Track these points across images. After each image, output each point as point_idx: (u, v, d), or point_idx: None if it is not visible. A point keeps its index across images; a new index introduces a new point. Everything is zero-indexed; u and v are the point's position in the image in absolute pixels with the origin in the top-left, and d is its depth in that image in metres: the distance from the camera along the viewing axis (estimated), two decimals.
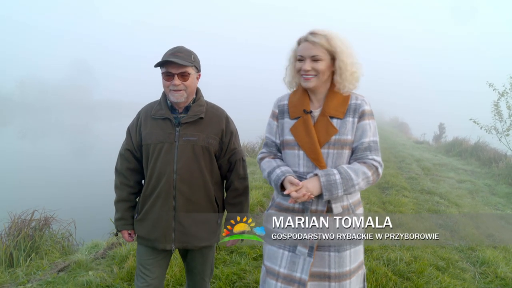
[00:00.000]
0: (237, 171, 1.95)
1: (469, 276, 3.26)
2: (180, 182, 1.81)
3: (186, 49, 1.85)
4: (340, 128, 1.61)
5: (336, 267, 1.61)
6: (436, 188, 7.16)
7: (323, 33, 1.60)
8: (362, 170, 1.57)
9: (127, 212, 1.95)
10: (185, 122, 1.84)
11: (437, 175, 8.75)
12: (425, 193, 6.61)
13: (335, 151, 1.61)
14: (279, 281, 1.64)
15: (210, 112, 1.91)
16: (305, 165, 1.64)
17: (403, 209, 5.19)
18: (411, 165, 9.68)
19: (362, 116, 1.63)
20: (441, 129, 18.78)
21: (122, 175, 1.95)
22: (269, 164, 1.72)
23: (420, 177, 8.12)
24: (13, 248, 3.97)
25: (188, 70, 1.80)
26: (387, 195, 6.16)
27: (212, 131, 1.87)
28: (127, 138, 1.97)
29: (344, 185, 1.54)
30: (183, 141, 1.82)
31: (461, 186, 7.97)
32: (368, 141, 1.62)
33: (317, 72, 1.61)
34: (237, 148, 1.96)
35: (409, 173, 8.41)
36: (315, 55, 1.59)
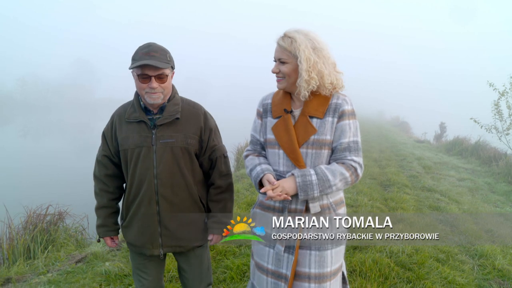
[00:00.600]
0: (218, 168, 1.90)
1: (468, 268, 3.42)
2: (162, 186, 1.77)
3: (159, 47, 1.75)
4: (319, 128, 1.61)
5: (316, 267, 1.61)
6: (437, 186, 7.31)
7: (291, 35, 1.59)
8: (340, 171, 1.57)
9: (109, 218, 1.91)
10: (161, 124, 1.77)
11: (437, 173, 8.90)
12: (426, 191, 6.76)
13: (314, 151, 1.61)
14: (269, 276, 1.69)
15: (187, 110, 1.84)
16: (285, 164, 1.65)
17: (405, 206, 5.34)
18: (412, 163, 9.82)
19: (342, 116, 1.61)
20: (442, 128, 18.91)
21: (101, 182, 1.90)
22: (252, 162, 1.75)
23: (421, 175, 8.27)
24: (30, 241, 4.14)
25: (165, 72, 1.72)
26: (389, 192, 6.31)
27: (190, 130, 1.81)
28: (103, 143, 1.91)
29: (320, 185, 1.54)
30: (160, 144, 1.76)
31: (461, 184, 8.12)
32: (348, 142, 1.61)
33: (284, 74, 1.62)
34: (217, 145, 1.90)
35: (410, 171, 8.56)
36: (280, 58, 1.61)
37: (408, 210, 5.12)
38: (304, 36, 1.58)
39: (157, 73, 1.69)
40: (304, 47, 1.55)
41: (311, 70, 1.55)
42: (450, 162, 11.26)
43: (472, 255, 3.76)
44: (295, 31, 1.60)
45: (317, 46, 1.58)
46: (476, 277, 3.26)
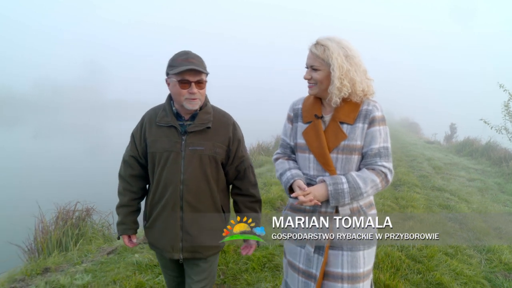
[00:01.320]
0: (249, 179, 1.94)
1: (476, 262, 3.61)
2: (187, 192, 1.79)
3: (196, 55, 1.80)
4: (350, 133, 1.63)
5: (349, 268, 1.63)
6: (447, 185, 7.45)
7: (324, 43, 1.62)
8: (370, 178, 1.59)
9: (128, 217, 1.94)
10: (192, 131, 1.80)
11: (447, 174, 9.03)
12: (436, 190, 6.91)
13: (344, 156, 1.63)
14: (300, 275, 1.73)
15: (217, 119, 1.87)
16: (315, 168, 1.67)
17: (415, 204, 5.52)
18: (422, 164, 9.95)
19: (373, 122, 1.63)
20: (452, 129, 18.94)
21: (125, 181, 1.93)
22: (282, 166, 1.78)
23: (431, 175, 8.41)
24: (62, 235, 4.44)
25: (204, 78, 1.78)
26: (400, 191, 6.49)
27: (219, 140, 1.83)
28: (131, 144, 1.93)
29: (351, 193, 1.57)
30: (189, 150, 1.78)
31: (471, 184, 8.24)
32: (378, 147, 1.63)
33: (316, 81, 1.64)
34: (244, 156, 1.93)
35: (420, 172, 8.71)
36: (312, 65, 1.64)
37: (418, 209, 5.31)
38: (336, 44, 1.61)
39: (197, 79, 1.73)
40: (336, 55, 1.58)
41: (343, 78, 1.58)
42: (460, 162, 11.35)
43: (480, 250, 3.94)
44: (327, 39, 1.63)
45: (349, 54, 1.60)
46: (483, 270, 3.45)
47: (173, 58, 1.76)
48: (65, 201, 5.04)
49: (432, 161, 10.60)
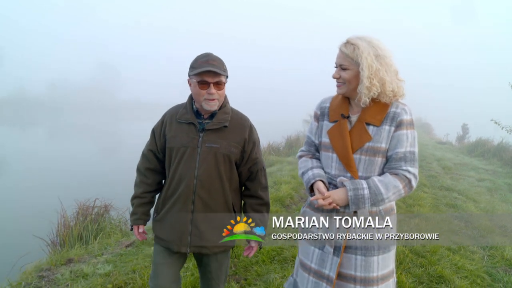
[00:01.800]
0: (259, 181, 1.98)
1: (478, 257, 3.73)
2: (200, 187, 1.85)
3: (217, 57, 1.86)
4: (375, 135, 1.60)
5: (362, 271, 1.62)
6: (455, 185, 7.52)
7: (354, 42, 1.61)
8: (393, 184, 1.56)
9: (140, 208, 2.00)
10: (209, 129, 1.87)
11: (457, 174, 9.07)
12: (444, 190, 7.00)
13: (367, 158, 1.61)
14: (311, 275, 1.72)
15: (235, 120, 1.93)
16: (337, 168, 1.67)
17: (422, 203, 5.63)
18: (431, 164, 10.01)
19: (400, 126, 1.60)
20: (464, 130, 18.82)
21: (142, 174, 2.01)
22: (305, 164, 1.78)
23: (440, 175, 8.48)
24: (83, 229, 4.70)
25: (223, 79, 1.84)
26: None
27: (235, 140, 1.89)
28: (151, 139, 2.01)
29: (372, 199, 1.55)
30: (205, 147, 1.85)
31: (481, 184, 8.27)
32: (404, 151, 1.59)
33: (344, 80, 1.64)
34: (258, 158, 1.98)
35: (429, 172, 8.78)
36: (341, 64, 1.64)
37: (424, 207, 5.42)
38: (367, 43, 1.59)
39: (216, 80, 1.80)
40: (366, 54, 1.57)
41: (372, 77, 1.56)
42: (471, 163, 11.35)
43: (483, 247, 4.05)
44: (357, 38, 1.62)
45: (380, 54, 1.59)
46: (485, 265, 3.57)
47: (195, 59, 1.84)
48: (85, 198, 5.33)
49: (442, 162, 10.64)
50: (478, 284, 3.14)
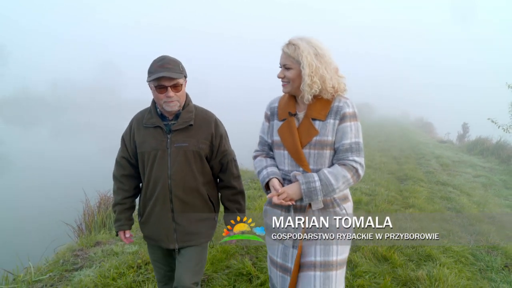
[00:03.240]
0: (231, 171, 2.07)
1: (465, 241, 4.14)
2: (175, 186, 1.91)
3: (172, 59, 1.90)
4: (321, 129, 1.69)
5: (322, 255, 1.70)
6: (451, 180, 7.91)
7: (295, 42, 1.68)
8: (342, 174, 1.65)
9: (122, 214, 2.05)
10: (176, 129, 1.93)
11: (454, 170, 9.44)
12: (440, 184, 7.38)
13: (316, 151, 1.69)
14: (277, 270, 1.81)
15: (200, 117, 2.00)
16: (289, 164, 1.75)
17: (417, 195, 6.03)
18: (430, 161, 10.38)
19: (343, 118, 1.69)
20: (465, 129, 19.14)
21: (118, 181, 2.07)
22: (260, 163, 1.86)
23: (437, 171, 8.86)
24: (105, 217, 5.15)
25: (179, 81, 1.88)
26: (405, 185, 7.01)
27: (202, 136, 1.96)
28: (122, 146, 2.07)
29: (324, 190, 1.64)
30: (175, 147, 1.91)
31: (476, 180, 8.65)
32: (349, 143, 1.68)
33: (289, 79, 1.72)
34: (227, 150, 2.05)
35: (427, 168, 9.16)
36: (285, 64, 1.72)
37: (419, 199, 5.82)
38: (306, 43, 1.67)
39: (172, 83, 1.85)
40: (306, 53, 1.65)
41: (313, 75, 1.65)
42: (469, 160, 11.70)
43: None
44: (298, 38, 1.70)
45: (319, 53, 1.67)
46: (470, 248, 3.98)
47: (151, 64, 1.89)
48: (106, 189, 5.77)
49: (441, 159, 11.00)
50: (462, 262, 3.55)
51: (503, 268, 3.52)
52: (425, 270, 3.22)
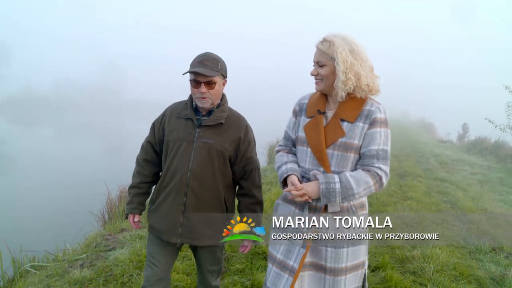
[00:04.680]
0: (253, 180, 2.04)
1: (457, 229, 4.55)
2: (193, 180, 1.91)
3: (213, 57, 1.93)
4: (348, 131, 1.65)
5: (332, 262, 1.67)
6: (449, 177, 8.30)
7: (330, 39, 1.66)
8: (364, 180, 1.60)
9: (136, 197, 2.06)
10: (206, 125, 1.94)
11: (452, 168, 9.84)
12: (438, 180, 7.78)
13: (340, 153, 1.65)
14: (274, 265, 1.76)
15: (231, 119, 2.00)
16: (311, 162, 1.71)
17: (415, 189, 6.44)
18: (429, 159, 10.78)
19: (373, 124, 1.64)
20: (465, 129, 19.53)
21: (139, 165, 2.09)
22: (281, 159, 1.84)
23: (436, 169, 9.26)
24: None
25: (214, 79, 1.89)
26: (404, 180, 7.41)
27: (230, 137, 1.95)
28: (150, 131, 2.09)
29: (343, 193, 1.59)
30: (201, 142, 1.92)
31: (473, 177, 9.05)
32: (376, 149, 1.63)
33: (322, 76, 1.69)
34: (253, 158, 2.03)
35: (426, 166, 9.56)
36: (319, 61, 1.69)
37: (417, 193, 6.23)
38: (341, 39, 1.65)
39: (207, 80, 1.87)
40: (341, 49, 1.62)
41: (348, 72, 1.61)
42: (467, 159, 12.08)
43: (463, 222, 4.87)
44: (333, 35, 1.67)
45: (355, 49, 1.64)
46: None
47: (194, 59, 1.94)
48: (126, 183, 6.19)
49: (440, 157, 11.40)
50: (453, 245, 3.96)
51: (490, 251, 3.92)
52: (419, 251, 3.63)
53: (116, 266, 3.33)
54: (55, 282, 3.13)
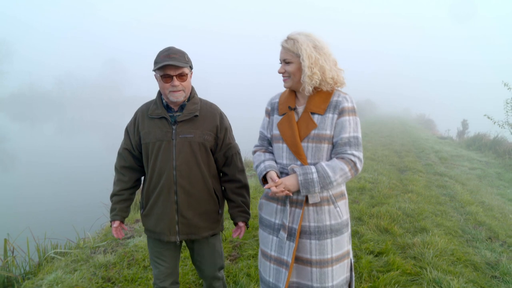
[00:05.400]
0: (235, 165, 2.07)
1: (455, 219, 4.78)
2: (180, 177, 1.90)
3: (178, 50, 1.91)
4: (320, 123, 1.70)
5: (317, 254, 1.73)
6: (448, 172, 8.53)
7: (293, 37, 1.72)
8: (340, 167, 1.66)
9: (118, 204, 2.04)
10: (181, 120, 1.92)
11: (451, 163, 10.06)
12: (437, 175, 8.01)
13: (314, 145, 1.70)
14: (271, 262, 1.83)
15: (204, 109, 2.00)
16: (288, 157, 1.76)
17: (416, 183, 6.67)
18: (429, 155, 11.00)
19: (342, 113, 1.70)
20: (464, 125, 19.73)
21: (119, 172, 2.07)
22: (258, 158, 1.89)
23: (435, 164, 9.48)
24: (137, 201, 5.81)
25: (185, 71, 1.88)
26: (405, 175, 7.64)
27: (207, 128, 1.96)
28: (125, 138, 2.06)
29: (321, 182, 1.65)
30: (180, 138, 1.90)
31: (472, 172, 9.27)
32: (348, 137, 1.69)
33: (289, 74, 1.74)
34: (232, 143, 2.05)
35: (426, 161, 9.78)
36: (285, 59, 1.75)
37: (418, 187, 6.47)
38: (305, 36, 1.71)
39: (178, 72, 1.86)
40: (305, 46, 1.68)
41: (313, 66, 1.68)
42: (467, 155, 12.31)
43: (461, 213, 5.10)
44: (297, 33, 1.74)
45: (318, 45, 1.70)
46: (460, 224, 4.62)
47: (157, 55, 1.90)
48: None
49: (440, 153, 11.62)
50: (451, 234, 4.19)
51: (486, 240, 4.15)
52: (419, 238, 3.86)
53: (136, 251, 3.56)
54: (80, 266, 3.37)
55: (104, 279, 3.03)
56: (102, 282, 2.98)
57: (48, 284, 3.00)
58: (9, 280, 3.58)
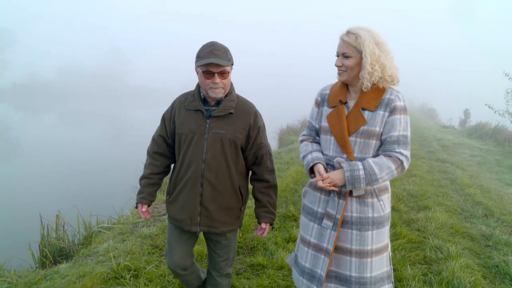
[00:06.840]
0: (265, 165, 2.07)
1: (455, 199, 5.27)
2: (208, 171, 1.94)
3: (221, 46, 1.92)
4: (370, 119, 1.71)
5: (357, 244, 1.77)
6: (449, 158, 8.99)
7: (355, 31, 1.72)
8: (386, 165, 1.67)
9: (146, 188, 2.10)
10: (216, 116, 1.95)
11: (453, 151, 10.53)
12: (439, 161, 8.47)
13: (362, 140, 1.72)
14: (310, 248, 1.88)
15: (240, 107, 2.01)
16: (334, 150, 1.79)
17: (419, 168, 7.15)
18: (432, 143, 11.46)
19: (393, 111, 1.70)
20: (466, 115, 20.14)
21: (151, 157, 2.12)
22: (306, 148, 1.92)
23: (437, 151, 9.94)
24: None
25: (227, 69, 1.90)
26: None
27: (240, 126, 1.97)
28: (161, 124, 2.11)
29: (367, 179, 1.67)
30: (212, 133, 1.93)
31: (472, 159, 9.74)
32: (397, 135, 1.69)
33: (347, 68, 1.74)
34: (263, 143, 2.05)
35: (429, 148, 10.24)
36: (344, 53, 1.74)
37: (421, 171, 6.94)
38: (367, 32, 1.71)
39: (220, 70, 1.87)
40: (368, 42, 1.67)
41: (374, 63, 1.67)
42: (468, 143, 12.76)
43: (461, 195, 5.59)
44: (358, 28, 1.73)
45: (379, 41, 1.70)
46: (459, 204, 5.11)
47: (200, 49, 1.91)
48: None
49: (442, 141, 12.07)
50: (451, 211, 4.68)
51: (483, 216, 4.64)
52: (423, 214, 4.35)
53: None
54: (127, 237, 3.87)
55: (152, 246, 3.53)
56: (151, 248, 3.48)
57: (105, 250, 3.51)
58: (61, 250, 4.10)
